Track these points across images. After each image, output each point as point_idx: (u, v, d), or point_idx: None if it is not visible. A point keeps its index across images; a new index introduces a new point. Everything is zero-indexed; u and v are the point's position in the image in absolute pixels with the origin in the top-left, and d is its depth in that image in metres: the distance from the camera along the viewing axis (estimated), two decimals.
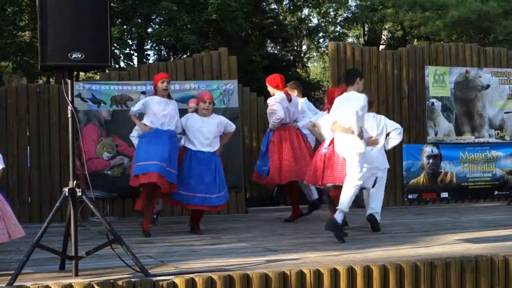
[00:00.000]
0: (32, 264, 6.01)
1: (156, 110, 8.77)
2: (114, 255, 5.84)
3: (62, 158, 10.77)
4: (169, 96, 9.02)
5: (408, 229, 8.78)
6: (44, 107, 10.87)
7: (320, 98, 27.55)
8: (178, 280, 5.38)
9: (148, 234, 8.55)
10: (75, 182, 5.75)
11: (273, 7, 25.82)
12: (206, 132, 8.81)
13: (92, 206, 5.91)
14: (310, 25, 28.29)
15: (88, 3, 5.65)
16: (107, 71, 11.32)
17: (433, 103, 12.48)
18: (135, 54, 21.55)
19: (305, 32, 27.82)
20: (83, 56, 5.60)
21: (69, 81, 5.81)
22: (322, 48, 29.82)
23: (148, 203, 8.81)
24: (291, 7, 26.16)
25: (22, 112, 10.80)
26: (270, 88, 9.98)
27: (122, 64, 20.96)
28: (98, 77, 12.63)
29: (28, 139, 10.84)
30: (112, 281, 5.28)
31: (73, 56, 5.58)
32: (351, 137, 7.72)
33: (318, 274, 5.70)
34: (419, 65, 12.51)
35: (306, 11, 28.65)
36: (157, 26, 20.02)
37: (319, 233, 8.38)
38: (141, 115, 9.08)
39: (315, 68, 36.67)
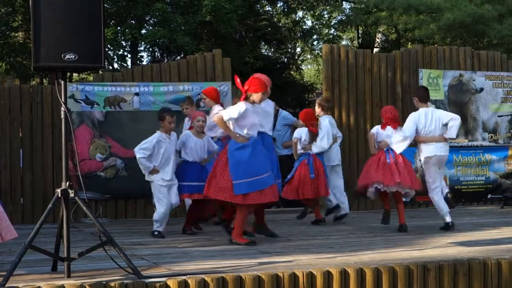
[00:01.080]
0: (24, 266, 5.98)
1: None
2: (107, 257, 5.82)
3: (55, 159, 10.75)
4: None
5: (402, 232, 8.78)
6: (37, 108, 10.84)
7: (314, 101, 27.57)
8: (170, 282, 5.36)
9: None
10: (68, 183, 5.73)
11: (267, 9, 25.84)
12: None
13: (84, 208, 5.88)
14: (304, 27, 28.33)
15: (81, 4, 5.63)
16: (100, 72, 11.29)
17: None
18: (129, 55, 21.51)
19: (299, 35, 27.83)
20: (77, 57, 5.59)
21: (62, 82, 5.79)
22: (316, 51, 29.85)
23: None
24: (285, 10, 26.17)
25: (15, 113, 10.77)
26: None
27: (115, 65, 20.93)
28: (91, 78, 12.60)
29: (21, 140, 10.81)
30: (104, 282, 5.26)
31: (66, 57, 5.56)
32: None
33: (311, 277, 5.69)
34: (413, 68, 12.53)
35: (300, 14, 28.70)
36: (151, 28, 19.97)
37: (312, 236, 8.37)
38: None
39: (309, 70, 36.67)
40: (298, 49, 30.48)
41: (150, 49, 21.86)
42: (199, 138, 8.96)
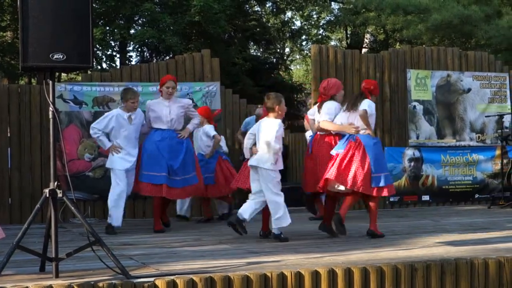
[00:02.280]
0: (12, 266, 5.97)
1: None
2: (95, 257, 5.81)
3: (43, 159, 10.73)
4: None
5: (389, 232, 8.80)
6: (25, 108, 10.82)
7: (303, 101, 27.63)
8: (159, 282, 5.36)
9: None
10: (56, 183, 5.71)
11: (256, 9, 25.87)
12: None
13: (73, 208, 5.87)
14: (293, 27, 28.39)
15: (70, 4, 5.61)
16: (89, 72, 11.27)
17: (414, 106, 12.54)
18: (118, 55, 21.50)
19: (288, 35, 27.91)
20: (65, 57, 5.57)
21: (50, 82, 5.77)
22: (305, 51, 29.93)
23: None
24: (274, 10, 26.23)
25: (3, 113, 10.73)
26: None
27: (104, 65, 20.92)
28: (80, 78, 12.58)
29: (9, 140, 10.78)
30: (92, 282, 5.25)
31: (54, 57, 5.55)
32: None
33: (299, 276, 5.70)
34: (401, 68, 12.57)
35: (289, 14, 28.78)
36: (139, 28, 19.98)
37: (300, 235, 8.39)
38: None
39: (298, 70, 36.76)
40: (287, 50, 30.58)
41: (139, 49, 21.87)
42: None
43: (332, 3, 26.98)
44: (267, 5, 26.06)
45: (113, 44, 20.50)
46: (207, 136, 10.21)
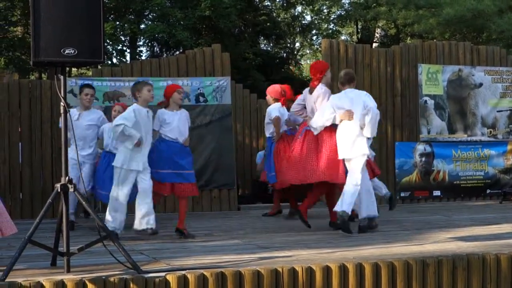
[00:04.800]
0: (24, 260, 5.98)
1: None
2: (106, 252, 5.82)
3: (54, 154, 10.74)
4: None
5: (401, 227, 8.79)
6: (36, 103, 10.83)
7: None
8: (170, 277, 5.36)
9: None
10: (67, 178, 5.72)
11: (266, 4, 25.81)
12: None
13: (84, 202, 5.88)
14: (303, 22, 28.31)
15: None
16: (99, 67, 11.28)
17: (426, 101, 12.49)
18: (128, 50, 21.51)
19: (298, 30, 27.83)
20: (76, 52, 5.57)
21: (61, 77, 5.78)
22: (315, 46, 29.84)
23: None
24: (284, 4, 26.16)
25: (14, 108, 10.76)
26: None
27: (114, 60, 20.93)
28: (90, 73, 12.60)
29: (20, 135, 10.80)
30: (104, 277, 5.26)
31: (66, 52, 5.55)
32: None
33: (310, 272, 5.69)
34: (412, 63, 12.52)
35: (299, 8, 28.67)
36: (150, 22, 19.99)
37: (311, 231, 8.38)
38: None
39: (308, 65, 36.66)
40: (297, 44, 30.47)
41: (149, 44, 21.88)
42: None
43: None
44: (277, 0, 26.02)
45: (123, 39, 20.51)
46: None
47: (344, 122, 8.12)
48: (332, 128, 8.30)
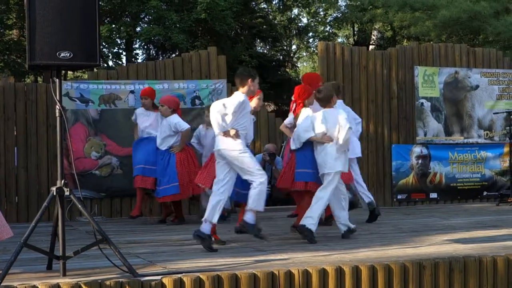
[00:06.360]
0: (20, 264, 5.97)
1: None
2: (102, 255, 5.81)
3: (50, 157, 10.73)
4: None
5: (397, 230, 8.79)
6: (31, 106, 10.82)
7: None
8: (166, 280, 5.35)
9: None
10: (63, 181, 5.71)
11: (262, 6, 25.81)
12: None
13: (80, 206, 5.86)
14: (299, 24, 28.32)
15: (76, 2, 5.60)
16: (95, 70, 11.27)
17: (422, 103, 12.50)
18: (124, 53, 21.49)
19: (294, 32, 27.84)
20: (72, 55, 5.56)
21: (57, 80, 5.77)
22: (312, 48, 29.86)
23: None
24: (281, 7, 26.15)
25: (9, 111, 10.74)
26: None
27: (110, 63, 20.91)
28: (86, 76, 12.57)
29: (16, 138, 10.79)
30: (100, 281, 5.25)
31: (61, 55, 5.54)
32: None
33: (306, 274, 5.69)
34: (409, 65, 12.53)
35: (295, 11, 28.70)
36: (145, 25, 19.96)
37: None
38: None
39: (305, 68, 36.66)
40: (294, 47, 30.50)
41: (145, 46, 21.86)
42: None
43: (339, 0, 26.93)
44: (274, 2, 25.99)
45: (119, 41, 20.49)
46: None
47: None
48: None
